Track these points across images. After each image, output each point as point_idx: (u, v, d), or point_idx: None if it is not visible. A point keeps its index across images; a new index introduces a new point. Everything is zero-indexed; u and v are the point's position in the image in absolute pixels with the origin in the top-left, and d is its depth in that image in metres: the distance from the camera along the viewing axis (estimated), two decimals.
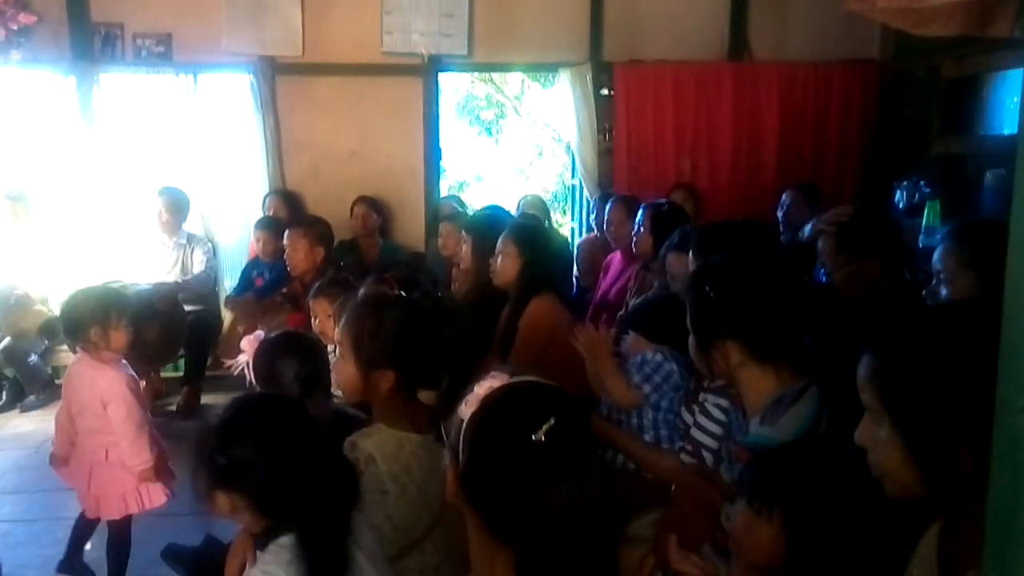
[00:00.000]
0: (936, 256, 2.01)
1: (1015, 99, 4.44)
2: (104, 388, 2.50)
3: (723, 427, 1.88)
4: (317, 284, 2.87)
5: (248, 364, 2.00)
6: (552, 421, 1.06)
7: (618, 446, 2.06)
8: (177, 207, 4.65)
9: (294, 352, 1.96)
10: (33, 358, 4.50)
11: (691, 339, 1.76)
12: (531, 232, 3.01)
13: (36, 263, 4.58)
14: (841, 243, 2.53)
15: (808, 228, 2.94)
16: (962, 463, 1.01)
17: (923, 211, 4.17)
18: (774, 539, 1.36)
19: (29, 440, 3.90)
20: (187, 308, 4.46)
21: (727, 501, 1.49)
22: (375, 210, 4.77)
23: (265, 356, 1.96)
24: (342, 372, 1.77)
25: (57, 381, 4.41)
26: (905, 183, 4.59)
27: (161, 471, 2.59)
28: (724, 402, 1.89)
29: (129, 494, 2.54)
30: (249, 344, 2.04)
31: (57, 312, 3.86)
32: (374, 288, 2.43)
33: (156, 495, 2.58)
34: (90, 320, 2.49)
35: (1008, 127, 4.54)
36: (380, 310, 1.76)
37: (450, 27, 4.88)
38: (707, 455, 1.89)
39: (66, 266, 4.63)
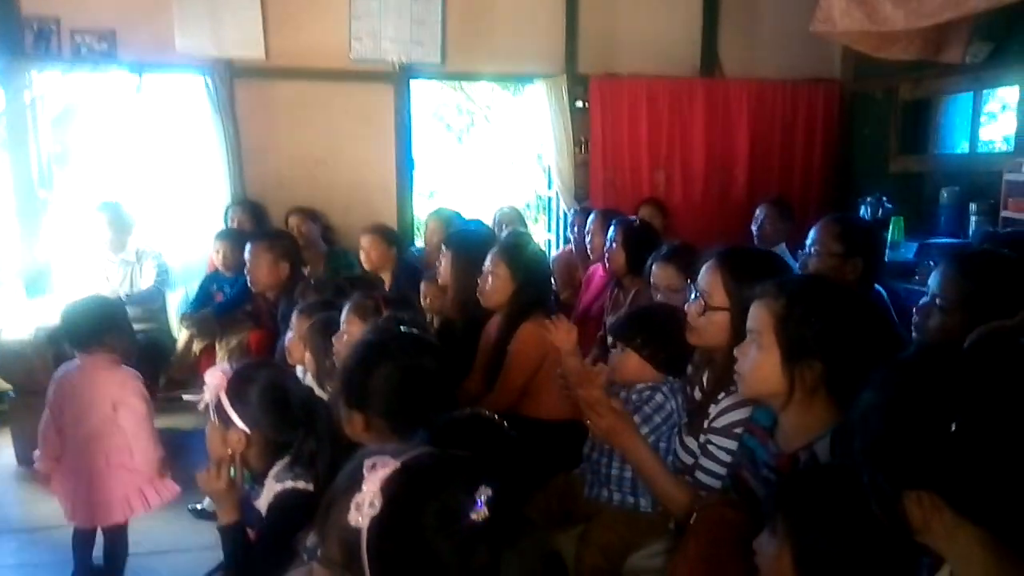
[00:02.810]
0: (936, 280, 1.97)
1: (967, 120, 4.59)
2: (117, 389, 2.53)
3: (726, 466, 1.81)
4: (306, 303, 2.70)
5: (222, 398, 1.77)
6: (488, 490, 0.89)
7: (640, 467, 1.87)
8: (119, 223, 4.34)
9: (265, 379, 1.77)
10: None
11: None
12: (522, 252, 2.89)
13: None
14: (845, 232, 2.50)
15: None
16: (910, 512, 0.99)
17: (887, 226, 4.26)
18: (778, 555, 1.32)
19: None
20: (136, 327, 4.19)
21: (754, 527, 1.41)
22: (311, 219, 4.58)
23: (237, 387, 1.75)
24: (341, 410, 1.64)
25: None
26: (869, 199, 4.70)
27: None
28: (731, 444, 1.82)
29: (133, 496, 2.53)
30: (212, 378, 1.80)
31: None
32: (360, 305, 2.27)
33: (165, 491, 2.60)
34: (106, 325, 2.56)
35: (959, 147, 4.70)
36: (373, 360, 1.62)
37: (422, 34, 4.76)
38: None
39: None
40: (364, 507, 0.87)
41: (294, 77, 4.74)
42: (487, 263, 2.79)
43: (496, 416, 1.61)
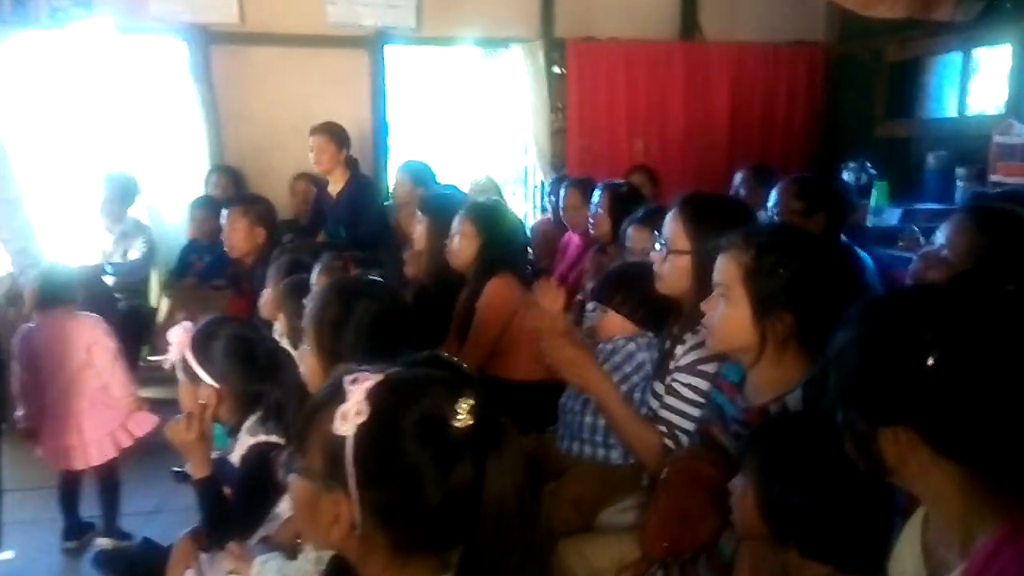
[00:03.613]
0: (946, 231, 1.87)
1: (956, 82, 4.56)
2: (89, 332, 2.74)
3: (700, 408, 1.81)
4: (279, 262, 2.70)
5: (187, 355, 1.81)
6: (470, 399, 0.90)
7: (605, 405, 1.91)
8: (121, 195, 4.32)
9: (229, 333, 1.82)
10: None
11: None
12: (489, 212, 2.92)
13: None
14: (803, 189, 2.51)
15: None
16: (885, 449, 0.99)
17: (870, 192, 4.26)
18: (743, 495, 1.34)
19: None
20: (119, 297, 4.18)
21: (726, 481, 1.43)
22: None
23: (202, 342, 1.80)
24: (306, 364, 1.63)
25: None
26: (852, 164, 4.67)
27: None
28: (699, 383, 1.83)
29: (118, 431, 2.76)
30: (177, 335, 1.85)
31: None
32: (329, 266, 2.27)
33: (144, 422, 2.82)
34: (78, 283, 2.81)
35: (948, 110, 4.67)
36: (349, 298, 1.62)
37: None
38: (682, 436, 1.83)
39: None
40: (350, 416, 0.87)
41: (269, 43, 4.69)
42: (455, 224, 2.81)
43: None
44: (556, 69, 5.02)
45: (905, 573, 1.13)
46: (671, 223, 1.89)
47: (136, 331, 4.19)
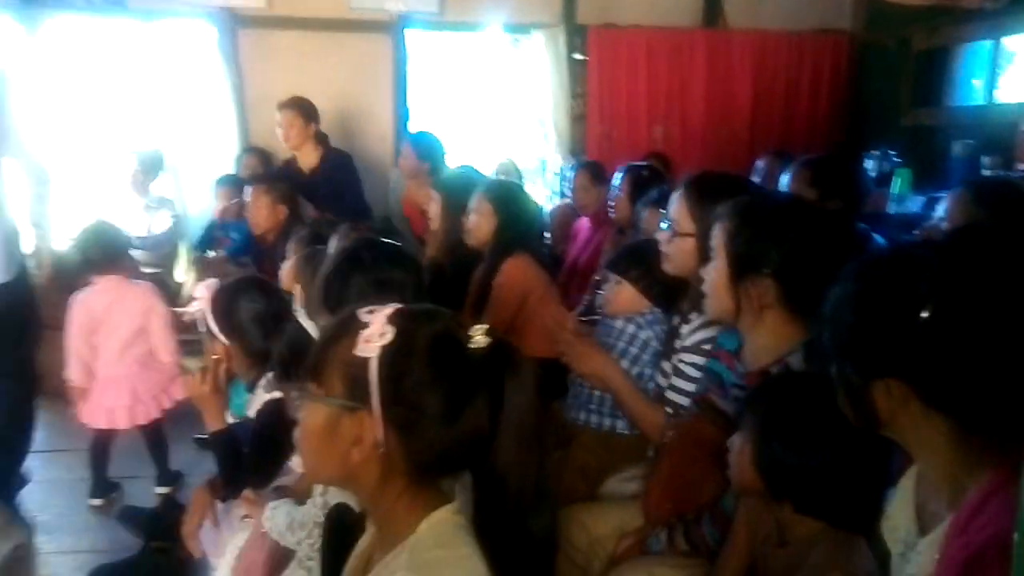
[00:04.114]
0: (946, 205, 1.92)
1: (984, 70, 4.50)
2: (146, 298, 2.94)
3: (696, 383, 1.85)
4: (299, 235, 2.77)
5: (207, 311, 1.91)
6: (482, 327, 0.96)
7: (614, 388, 1.99)
8: (148, 166, 4.40)
9: (251, 293, 1.91)
10: None
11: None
12: (507, 191, 2.97)
13: None
14: (816, 175, 2.51)
15: None
16: (878, 402, 1.00)
17: (892, 180, 4.22)
18: (740, 451, 1.37)
19: None
20: (145, 271, 4.28)
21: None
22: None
23: (224, 299, 1.88)
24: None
25: None
26: (875, 153, 4.63)
27: None
28: (699, 359, 1.86)
29: (161, 394, 2.95)
30: (204, 290, 1.96)
31: None
32: (347, 238, 2.32)
33: (183, 387, 2.86)
34: (117, 248, 2.92)
35: (976, 99, 4.61)
36: (351, 265, 1.65)
37: None
38: (684, 415, 1.86)
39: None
40: (374, 339, 0.92)
41: (295, 27, 4.76)
42: (472, 202, 2.84)
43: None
44: (577, 55, 5.02)
45: (897, 530, 1.14)
46: (676, 204, 1.89)
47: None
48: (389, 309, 0.95)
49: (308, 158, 4.06)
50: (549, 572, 1.13)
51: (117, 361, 2.89)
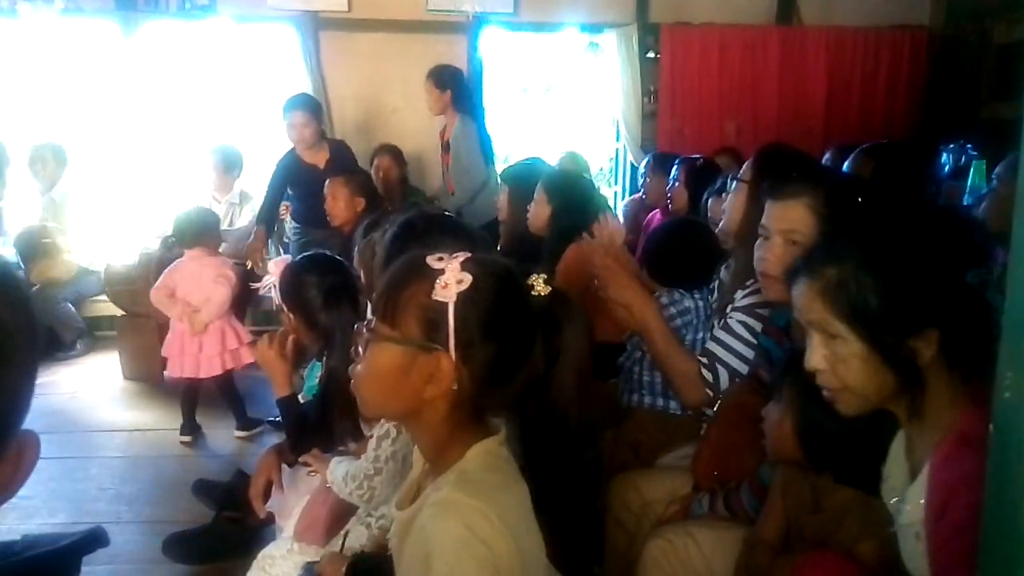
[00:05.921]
0: (999, 167, 1.94)
1: None
2: (219, 267, 3.38)
3: (748, 347, 1.83)
4: (365, 224, 2.91)
5: (275, 285, 2.06)
6: (542, 276, 1.07)
7: (647, 332, 1.93)
8: (227, 165, 4.62)
9: (317, 268, 1.99)
10: (64, 305, 4.54)
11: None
12: (561, 179, 3.01)
13: (66, 214, 4.61)
14: (877, 162, 2.51)
15: None
16: (921, 352, 1.10)
17: (968, 173, 4.11)
18: (780, 420, 1.41)
19: (64, 387, 4.03)
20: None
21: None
22: (398, 161, 4.62)
23: (290, 275, 2.01)
24: None
25: (98, 333, 4.70)
26: (951, 146, 4.51)
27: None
28: (753, 322, 1.84)
29: (226, 353, 3.37)
30: (276, 266, 2.11)
31: (80, 262, 4.57)
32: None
33: (247, 356, 3.40)
34: (203, 228, 3.38)
35: None
36: (406, 239, 1.63)
37: None
38: (721, 370, 1.84)
39: (102, 218, 4.75)
40: (452, 284, 0.98)
41: (373, 28, 4.96)
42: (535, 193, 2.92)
43: None
44: (650, 54, 5.07)
45: (895, 489, 1.21)
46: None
47: (242, 294, 4.54)
48: (461, 256, 1.03)
49: (320, 154, 4.15)
50: (599, 533, 1.21)
51: (192, 317, 3.31)
